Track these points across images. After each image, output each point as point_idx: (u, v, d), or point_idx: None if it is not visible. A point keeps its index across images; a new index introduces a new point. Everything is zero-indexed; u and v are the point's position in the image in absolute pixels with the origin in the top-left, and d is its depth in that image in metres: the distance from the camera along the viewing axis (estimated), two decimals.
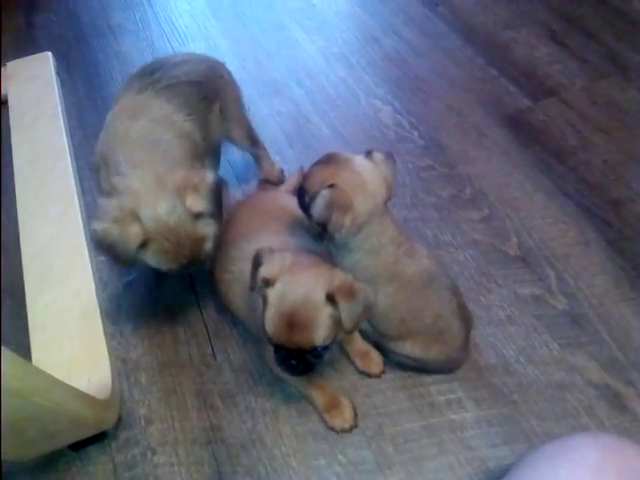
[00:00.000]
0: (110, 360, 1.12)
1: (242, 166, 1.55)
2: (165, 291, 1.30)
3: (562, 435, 1.02)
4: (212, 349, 1.19)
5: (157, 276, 1.27)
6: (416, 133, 1.60)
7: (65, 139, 1.55)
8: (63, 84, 1.80)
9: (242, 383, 1.14)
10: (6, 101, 1.70)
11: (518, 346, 1.16)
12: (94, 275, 1.27)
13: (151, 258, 1.00)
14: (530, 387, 1.10)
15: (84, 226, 1.35)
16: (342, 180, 0.90)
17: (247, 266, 0.93)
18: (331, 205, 0.88)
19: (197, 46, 1.95)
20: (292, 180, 1.44)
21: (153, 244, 0.98)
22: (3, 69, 1.78)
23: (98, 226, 0.98)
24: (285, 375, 1.08)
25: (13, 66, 1.79)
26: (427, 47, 1.87)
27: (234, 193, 1.45)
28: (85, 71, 1.91)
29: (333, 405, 1.06)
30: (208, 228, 1.04)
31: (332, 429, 1.05)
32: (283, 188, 1.42)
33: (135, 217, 0.97)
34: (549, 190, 1.43)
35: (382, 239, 0.95)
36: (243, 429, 1.08)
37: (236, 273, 1.06)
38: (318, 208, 0.89)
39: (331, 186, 0.88)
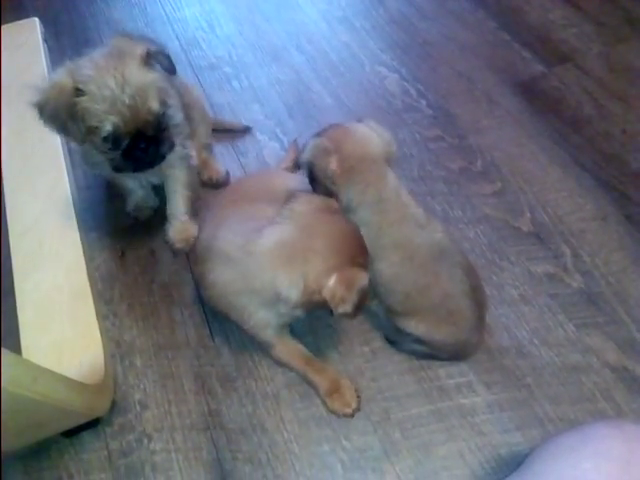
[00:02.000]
0: (103, 342, 1.06)
1: (240, 138, 1.47)
2: (160, 268, 1.24)
3: (578, 421, 0.99)
4: (210, 330, 1.14)
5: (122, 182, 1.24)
6: (424, 102, 1.51)
7: None
8: (51, 51, 1.70)
9: (242, 366, 1.09)
10: None
11: (532, 327, 1.10)
12: (85, 252, 1.21)
13: (90, 114, 0.93)
14: (544, 370, 1.05)
15: (74, 201, 1.28)
16: (329, 133, 0.97)
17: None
18: (316, 149, 0.95)
19: (192, 11, 1.85)
20: (288, 155, 1.36)
21: (88, 93, 0.92)
22: None
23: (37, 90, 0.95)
24: (286, 360, 1.03)
25: None
26: (435, 10, 1.77)
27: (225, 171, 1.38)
28: (74, 38, 1.81)
29: (334, 389, 1.00)
30: (153, 75, 0.97)
31: (334, 413, 1.01)
32: (281, 165, 1.34)
33: (69, 73, 0.94)
34: (564, 162, 1.36)
35: (382, 192, 0.95)
36: (243, 414, 1.03)
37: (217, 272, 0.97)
38: (304, 155, 0.97)
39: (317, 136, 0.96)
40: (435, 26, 1.72)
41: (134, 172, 1.08)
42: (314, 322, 1.12)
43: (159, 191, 1.30)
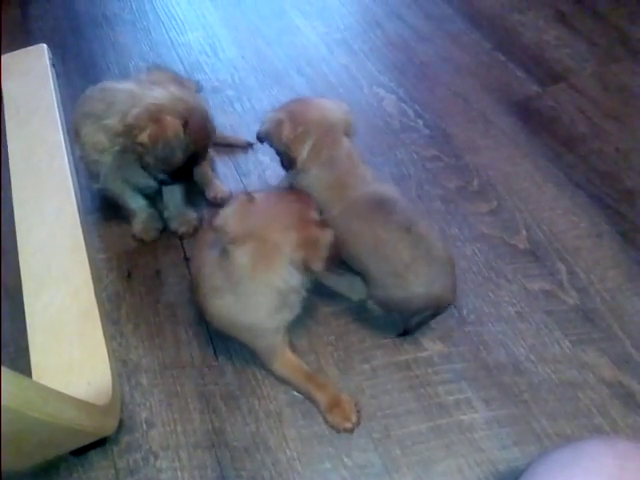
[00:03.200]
0: (110, 363, 1.09)
1: (243, 159, 1.51)
2: (165, 289, 1.27)
3: (574, 437, 1.01)
4: (214, 350, 1.16)
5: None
6: (421, 122, 1.55)
7: (61, 134, 1.51)
8: (58, 76, 1.75)
9: (244, 384, 1.11)
10: (0, 96, 1.66)
11: (529, 343, 1.12)
12: (93, 274, 1.24)
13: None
14: (541, 386, 1.07)
15: (81, 223, 1.31)
16: (285, 105, 1.11)
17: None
18: (269, 121, 1.08)
19: (195, 35, 1.90)
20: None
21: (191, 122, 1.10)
22: None
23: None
24: (288, 376, 1.06)
25: (7, 59, 1.74)
26: (431, 31, 1.81)
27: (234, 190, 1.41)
28: (81, 62, 1.86)
29: (334, 403, 1.03)
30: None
31: (334, 428, 1.03)
32: (282, 185, 1.38)
33: (162, 110, 1.08)
34: (559, 180, 1.39)
35: (334, 153, 1.06)
36: (246, 432, 1.05)
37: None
38: (261, 129, 1.11)
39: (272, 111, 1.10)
40: (432, 47, 1.76)
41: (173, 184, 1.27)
42: (315, 340, 1.15)
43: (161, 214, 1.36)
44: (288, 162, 1.09)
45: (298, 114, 1.08)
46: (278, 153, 1.13)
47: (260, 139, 1.14)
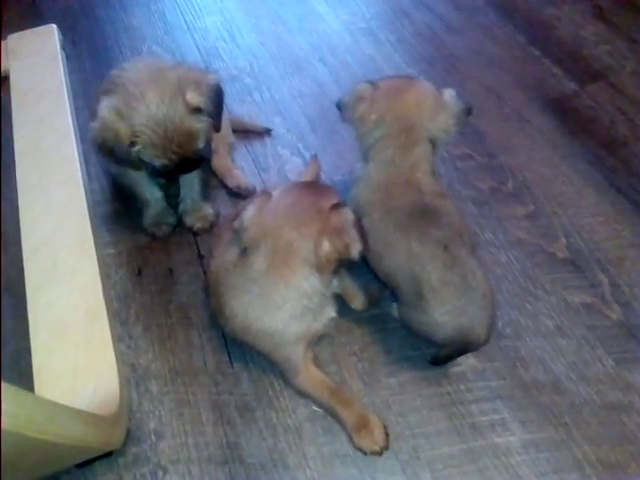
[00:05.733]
0: (118, 368, 1.01)
1: (261, 152, 1.42)
2: (178, 289, 1.19)
3: (619, 465, 0.93)
4: (229, 355, 1.08)
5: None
6: None
7: (70, 120, 1.42)
8: (68, 59, 1.67)
9: (262, 395, 1.03)
10: (7, 77, 1.57)
11: (569, 361, 1.04)
12: (101, 271, 1.16)
13: (142, 153, 1.03)
14: (582, 408, 0.99)
15: (90, 216, 1.23)
16: (385, 81, 1.02)
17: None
18: (354, 92, 1.00)
19: (212, 20, 1.81)
20: (308, 171, 1.31)
21: (141, 138, 1.01)
22: (4, 42, 1.65)
23: (93, 127, 1.04)
24: (310, 391, 0.99)
25: (15, 39, 1.66)
26: (462, 23, 1.72)
27: (252, 182, 1.33)
28: (92, 45, 1.77)
29: (362, 424, 0.95)
30: (200, 124, 1.05)
31: (360, 451, 0.95)
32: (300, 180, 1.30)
33: (121, 116, 1.00)
34: (599, 185, 1.30)
35: (398, 157, 0.95)
36: (263, 448, 0.97)
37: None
38: (344, 95, 1.02)
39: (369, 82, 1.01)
40: (462, 40, 1.67)
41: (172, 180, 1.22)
42: (337, 350, 1.07)
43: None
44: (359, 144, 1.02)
45: (383, 98, 0.97)
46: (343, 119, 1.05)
47: (338, 107, 1.05)
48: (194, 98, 1.03)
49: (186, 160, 1.07)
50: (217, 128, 1.12)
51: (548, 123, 1.43)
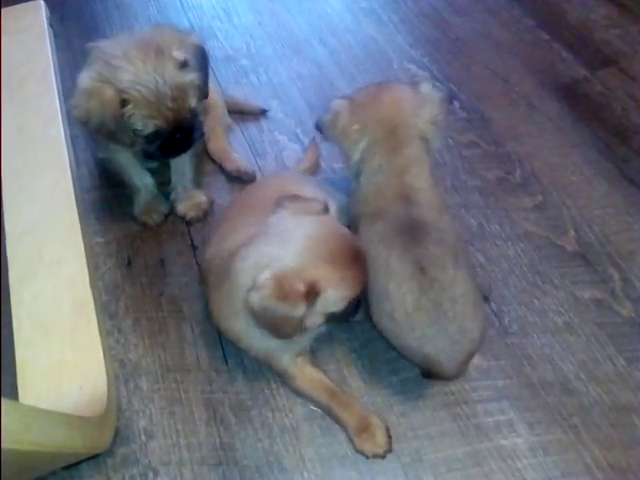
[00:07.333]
0: (106, 363, 0.96)
1: (257, 138, 1.36)
2: (170, 280, 1.14)
3: (631, 470, 0.89)
4: (223, 351, 1.03)
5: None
6: (457, 103, 1.40)
7: (57, 102, 1.36)
8: (56, 37, 1.59)
9: (257, 393, 0.99)
10: None
11: (578, 359, 1.00)
12: (89, 260, 1.11)
13: (135, 116, 0.96)
14: (592, 409, 0.95)
15: (77, 203, 1.17)
16: (359, 92, 0.96)
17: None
18: (330, 111, 0.94)
19: None
20: (307, 156, 1.26)
21: (132, 96, 0.94)
22: None
23: (74, 104, 0.98)
24: (308, 393, 0.94)
25: None
26: (468, 4, 1.65)
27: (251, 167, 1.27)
28: (81, 23, 1.70)
29: (363, 427, 0.90)
30: (191, 77, 0.99)
31: (362, 454, 0.91)
32: (300, 167, 1.24)
33: (107, 81, 0.94)
34: (610, 175, 1.25)
35: (385, 163, 0.89)
36: (259, 449, 0.93)
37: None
38: (321, 116, 0.97)
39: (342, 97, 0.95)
40: (468, 21, 1.60)
41: (165, 159, 1.15)
42: (337, 347, 1.02)
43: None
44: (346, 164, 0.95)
45: (361, 106, 0.91)
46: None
47: (318, 128, 0.99)
48: (180, 55, 0.97)
49: (181, 125, 1.01)
50: (205, 93, 1.06)
51: (557, 110, 1.38)
